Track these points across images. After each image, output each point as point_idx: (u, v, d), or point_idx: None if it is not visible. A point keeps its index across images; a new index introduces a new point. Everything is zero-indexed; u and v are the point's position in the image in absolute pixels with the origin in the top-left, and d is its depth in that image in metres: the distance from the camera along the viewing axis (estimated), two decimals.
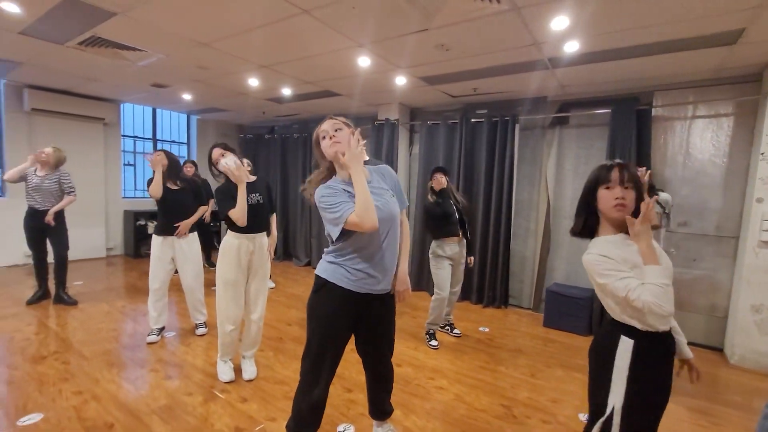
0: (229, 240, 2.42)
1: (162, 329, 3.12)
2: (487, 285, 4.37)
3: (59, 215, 3.67)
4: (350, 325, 1.66)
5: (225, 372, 2.48)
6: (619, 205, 1.22)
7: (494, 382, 2.64)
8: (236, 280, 2.42)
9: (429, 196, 3.26)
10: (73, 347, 2.84)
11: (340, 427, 2.04)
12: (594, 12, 2.32)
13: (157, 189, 2.91)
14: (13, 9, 2.65)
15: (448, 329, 3.48)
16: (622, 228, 1.27)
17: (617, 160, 1.29)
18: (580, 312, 3.62)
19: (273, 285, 4.73)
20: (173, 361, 2.72)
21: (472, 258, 3.37)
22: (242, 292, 2.48)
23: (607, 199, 1.25)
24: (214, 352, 2.81)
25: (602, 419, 1.24)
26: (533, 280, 4.33)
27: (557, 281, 4.14)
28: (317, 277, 1.62)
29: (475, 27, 2.59)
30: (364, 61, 3.40)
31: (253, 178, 2.53)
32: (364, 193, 1.43)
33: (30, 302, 3.73)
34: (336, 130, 1.57)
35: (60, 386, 2.31)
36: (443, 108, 4.90)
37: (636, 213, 1.23)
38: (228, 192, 2.36)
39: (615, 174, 1.24)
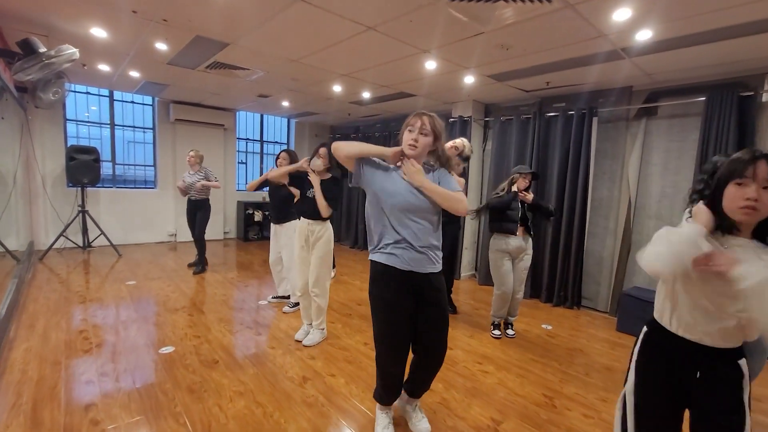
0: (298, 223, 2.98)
1: (279, 297, 3.86)
2: (557, 284, 4.26)
3: (207, 207, 4.75)
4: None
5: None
6: (749, 207, 1.00)
7: (542, 375, 2.69)
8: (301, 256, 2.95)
9: (503, 191, 3.22)
10: (195, 305, 3.68)
11: None
12: None
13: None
14: (163, 47, 3.54)
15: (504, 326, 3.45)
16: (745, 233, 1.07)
17: (765, 151, 1.03)
18: None
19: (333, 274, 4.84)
20: (264, 323, 3.35)
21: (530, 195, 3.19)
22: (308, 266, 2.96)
23: (735, 197, 1.03)
24: (296, 320, 3.38)
25: (620, 396, 1.32)
26: (611, 282, 4.08)
27: (638, 285, 3.85)
28: None
29: (531, 26, 2.64)
30: (430, 65, 3.63)
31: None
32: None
33: (189, 265, 5.02)
34: (422, 133, 1.64)
35: (186, 330, 3.07)
36: (518, 103, 4.83)
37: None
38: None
39: (755, 169, 1.00)
